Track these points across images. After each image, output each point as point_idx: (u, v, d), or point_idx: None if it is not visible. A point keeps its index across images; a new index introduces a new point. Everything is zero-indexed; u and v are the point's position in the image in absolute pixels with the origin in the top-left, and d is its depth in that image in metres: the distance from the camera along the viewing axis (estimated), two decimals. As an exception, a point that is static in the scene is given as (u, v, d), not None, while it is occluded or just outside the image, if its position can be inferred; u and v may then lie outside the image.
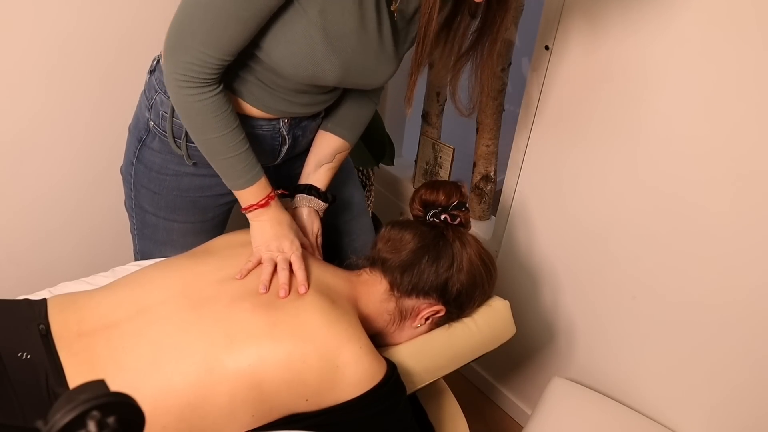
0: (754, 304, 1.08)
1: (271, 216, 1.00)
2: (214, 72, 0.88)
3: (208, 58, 0.85)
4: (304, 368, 0.83)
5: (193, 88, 0.88)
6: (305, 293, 0.92)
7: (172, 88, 0.90)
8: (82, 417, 0.36)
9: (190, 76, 0.87)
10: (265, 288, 0.91)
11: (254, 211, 1.00)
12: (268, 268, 0.95)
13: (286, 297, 0.90)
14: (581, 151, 1.25)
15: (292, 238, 1.00)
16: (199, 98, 0.89)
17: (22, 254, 1.47)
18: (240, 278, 0.94)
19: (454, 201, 1.04)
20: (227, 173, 0.98)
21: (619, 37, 1.10)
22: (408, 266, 0.98)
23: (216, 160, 0.97)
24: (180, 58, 0.86)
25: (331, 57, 0.88)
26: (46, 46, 1.27)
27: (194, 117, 0.92)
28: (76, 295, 0.94)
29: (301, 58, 0.88)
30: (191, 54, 0.85)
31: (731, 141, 1.02)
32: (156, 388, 0.81)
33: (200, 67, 0.86)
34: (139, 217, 1.15)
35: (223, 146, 0.94)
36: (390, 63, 0.96)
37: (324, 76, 0.91)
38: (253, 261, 0.97)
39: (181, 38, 0.86)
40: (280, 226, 1.00)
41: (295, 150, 1.13)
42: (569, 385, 1.37)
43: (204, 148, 0.96)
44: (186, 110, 0.92)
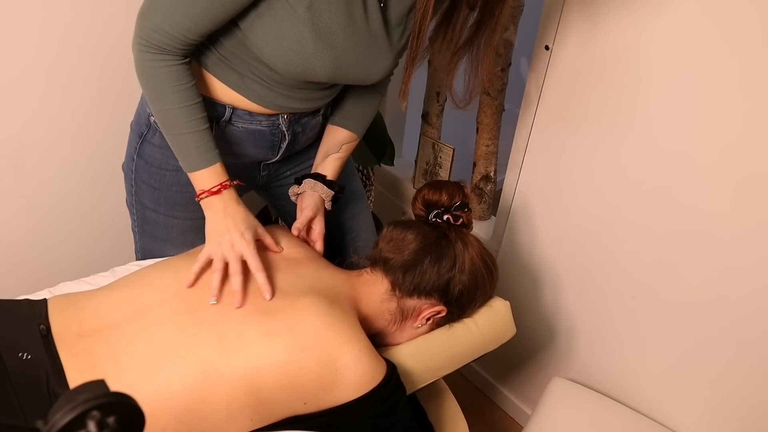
0: (754, 304, 1.08)
1: (224, 207, 0.97)
2: (176, 46, 0.88)
3: (171, 30, 0.86)
4: (302, 373, 0.83)
5: (152, 53, 0.89)
6: (302, 295, 0.91)
7: (134, 52, 0.91)
8: (82, 417, 0.36)
9: (151, 43, 0.88)
10: (216, 298, 0.88)
11: (206, 199, 0.97)
12: (218, 273, 0.91)
13: (240, 307, 0.87)
14: (581, 151, 1.25)
15: (243, 230, 0.96)
16: (157, 65, 0.89)
17: (22, 254, 1.47)
18: (188, 286, 0.91)
19: (457, 201, 1.04)
20: (182, 151, 0.96)
21: (619, 37, 1.10)
22: (410, 266, 0.98)
23: (171, 135, 0.95)
24: (145, 23, 0.87)
25: (321, 53, 0.88)
26: (45, 44, 1.27)
27: (149, 83, 0.91)
28: (77, 296, 0.94)
29: (291, 55, 0.88)
30: (155, 22, 0.86)
31: (732, 142, 1.01)
32: (155, 390, 0.81)
33: (162, 36, 0.87)
34: (140, 214, 1.15)
35: (177, 120, 0.93)
36: (385, 57, 0.95)
37: (315, 73, 0.91)
38: (202, 260, 0.93)
39: (150, 7, 0.87)
40: (233, 218, 0.96)
41: (294, 146, 1.12)
42: (569, 385, 1.37)
43: (159, 119, 0.95)
44: (142, 74, 0.92)
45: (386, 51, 0.95)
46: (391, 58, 0.97)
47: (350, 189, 1.25)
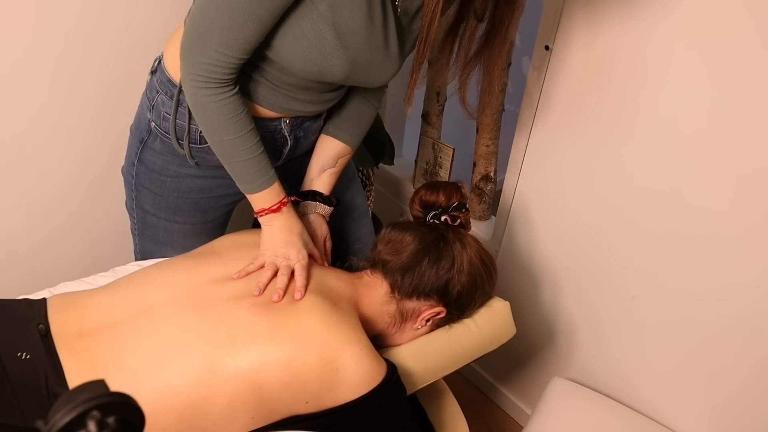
0: (755, 304, 1.08)
1: (282, 222, 0.99)
2: (230, 72, 0.88)
3: (226, 58, 0.85)
4: (304, 371, 0.83)
5: (210, 88, 0.88)
6: (306, 296, 0.91)
7: (188, 89, 0.90)
8: (82, 417, 0.35)
9: (207, 77, 0.87)
10: (259, 291, 0.91)
11: (266, 216, 0.99)
12: (268, 272, 0.94)
13: (279, 301, 0.90)
14: (581, 151, 1.25)
15: (299, 247, 0.99)
16: (216, 99, 0.89)
17: (22, 254, 1.47)
18: (237, 278, 0.94)
19: (455, 202, 1.04)
20: (241, 176, 0.97)
21: (619, 36, 1.10)
22: (409, 268, 0.98)
23: (230, 162, 0.96)
24: (197, 59, 0.86)
25: (340, 52, 0.88)
26: (47, 46, 1.27)
27: (210, 118, 0.91)
28: (76, 295, 0.94)
29: (309, 53, 0.87)
30: (208, 54, 0.85)
31: (731, 141, 1.02)
32: (156, 389, 0.81)
33: (217, 67, 0.86)
34: (140, 218, 1.15)
35: (238, 149, 0.94)
36: (393, 61, 0.95)
37: (332, 72, 0.90)
38: (256, 264, 0.96)
39: (198, 39, 0.85)
40: (290, 233, 0.99)
41: (297, 151, 1.12)
42: (569, 385, 1.37)
43: (219, 150, 0.95)
44: (202, 111, 0.91)
45: (396, 56, 0.95)
46: (399, 61, 0.97)
47: (350, 195, 1.26)
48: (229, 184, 1.08)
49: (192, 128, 1.01)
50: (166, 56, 1.01)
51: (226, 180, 1.07)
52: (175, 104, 0.99)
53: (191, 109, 0.93)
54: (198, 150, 1.04)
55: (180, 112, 1.00)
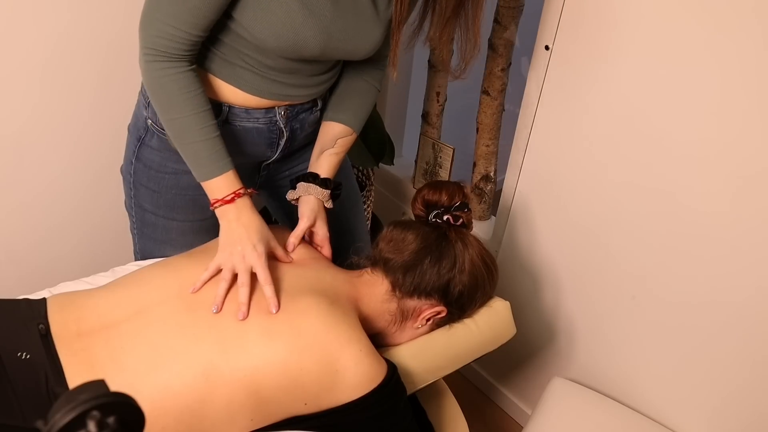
0: (755, 305, 1.08)
1: (237, 216, 0.96)
2: (182, 48, 0.88)
3: (174, 31, 0.86)
4: (302, 374, 0.83)
5: (160, 62, 0.88)
6: (303, 296, 0.91)
7: (141, 64, 0.90)
8: (82, 417, 0.35)
9: (157, 50, 0.87)
10: (218, 307, 0.87)
11: (220, 208, 0.96)
12: (224, 283, 0.90)
13: (244, 319, 0.86)
14: (581, 151, 1.25)
15: (255, 242, 0.94)
16: (166, 73, 0.89)
17: (22, 254, 1.47)
18: (193, 292, 0.90)
19: (457, 201, 1.04)
20: (193, 160, 0.95)
21: (619, 36, 1.10)
22: (410, 267, 0.98)
23: (182, 144, 0.94)
24: (148, 32, 0.87)
25: (310, 23, 0.88)
26: (45, 44, 1.27)
27: (159, 93, 0.91)
28: (76, 295, 0.94)
29: (280, 28, 0.87)
30: (157, 27, 0.86)
31: (732, 142, 1.01)
32: (155, 390, 0.81)
33: (167, 41, 0.86)
34: (139, 216, 1.15)
35: (188, 129, 0.92)
36: (372, 26, 0.94)
37: (306, 45, 0.90)
38: (211, 269, 0.92)
39: (148, 12, 0.87)
40: (246, 229, 0.95)
41: (293, 143, 1.12)
42: (569, 385, 1.37)
43: (170, 129, 0.94)
44: (152, 85, 0.91)
45: (373, 20, 0.94)
46: (380, 28, 0.96)
47: (345, 191, 1.25)
48: None
49: None
50: None
51: None
52: None
53: (145, 85, 0.93)
54: None
55: None
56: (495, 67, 1.47)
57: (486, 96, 1.51)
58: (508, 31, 1.43)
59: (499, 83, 1.49)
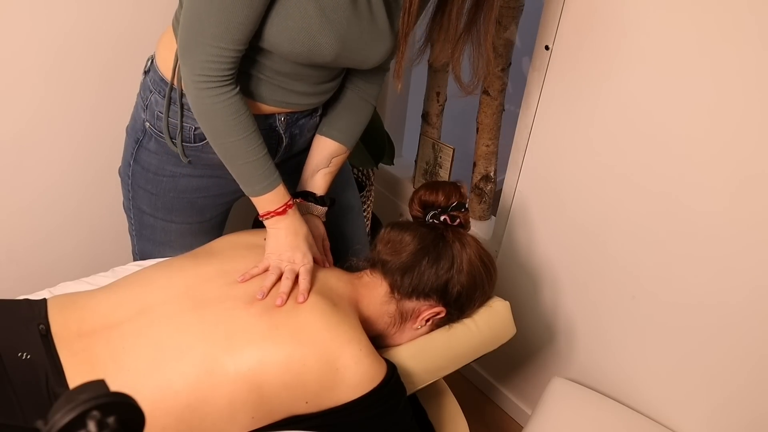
0: (754, 305, 1.08)
1: (288, 225, 0.99)
2: (230, 66, 0.87)
3: (223, 51, 0.85)
4: (304, 371, 0.83)
5: (213, 88, 0.88)
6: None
7: (191, 91, 0.89)
8: (82, 417, 0.35)
9: (209, 75, 0.86)
10: (263, 294, 0.90)
11: (271, 219, 0.98)
12: (272, 276, 0.94)
13: (282, 305, 0.89)
14: (581, 152, 1.25)
15: (305, 250, 0.98)
16: (220, 99, 0.89)
17: (22, 254, 1.47)
18: (241, 281, 0.93)
19: (454, 202, 1.04)
20: (245, 179, 0.96)
21: (619, 36, 1.10)
22: (408, 268, 0.98)
23: (234, 165, 0.95)
24: (196, 58, 0.85)
25: (327, 30, 0.87)
26: (45, 45, 1.27)
27: (214, 120, 0.91)
28: (76, 295, 0.94)
29: (296, 33, 0.87)
30: (206, 50, 0.84)
31: (731, 143, 1.01)
32: (156, 389, 0.81)
33: (217, 63, 0.85)
34: (137, 218, 1.15)
35: (241, 150, 0.93)
36: (384, 38, 0.94)
37: (320, 51, 0.89)
38: (261, 267, 0.96)
39: (193, 37, 0.84)
40: (296, 236, 0.99)
41: (293, 149, 1.12)
42: (569, 385, 1.37)
43: (222, 152, 0.95)
44: (206, 113, 0.91)
45: (386, 30, 0.94)
46: (390, 38, 0.95)
47: (347, 197, 1.25)
48: (225, 183, 1.08)
49: (185, 126, 1.00)
50: (157, 55, 1.00)
51: (222, 179, 1.06)
52: (167, 102, 0.99)
53: (195, 113, 0.92)
54: (191, 149, 1.03)
55: (172, 110, 0.99)
56: (495, 67, 1.47)
57: (486, 96, 1.51)
58: (508, 31, 1.43)
59: (499, 83, 1.49)
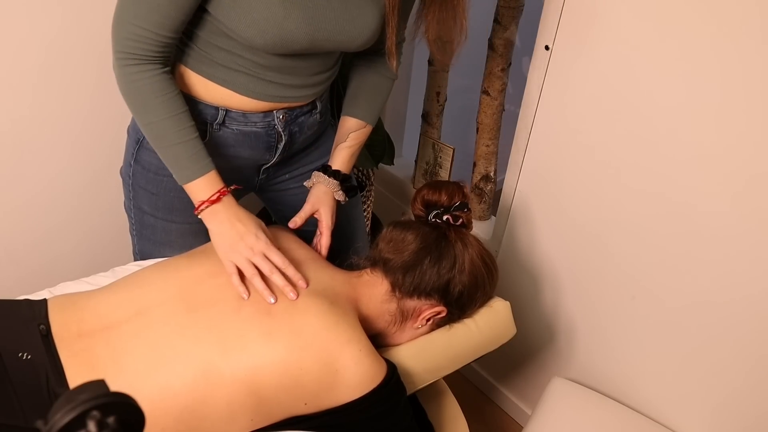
0: (754, 305, 1.08)
1: (228, 214, 0.95)
2: (153, 49, 0.87)
3: (143, 32, 0.85)
4: (302, 374, 0.83)
5: (133, 65, 0.88)
6: (302, 296, 0.91)
7: (114, 68, 0.90)
8: (82, 417, 0.35)
9: (128, 53, 0.87)
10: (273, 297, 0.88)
11: (207, 210, 0.95)
12: (257, 278, 0.90)
13: (297, 297, 0.89)
14: (581, 152, 1.25)
15: (255, 231, 0.94)
16: (139, 77, 0.88)
17: (22, 254, 1.47)
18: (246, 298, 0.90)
19: (456, 201, 1.04)
20: (174, 163, 0.95)
21: (618, 36, 1.10)
22: (410, 267, 0.98)
23: (160, 147, 0.94)
24: (119, 35, 0.87)
25: (293, 15, 0.86)
26: (45, 44, 1.27)
27: (134, 97, 0.90)
28: (76, 296, 0.94)
29: (263, 24, 0.86)
30: (126, 29, 0.85)
31: (731, 143, 1.01)
32: (154, 390, 0.81)
33: (137, 42, 0.86)
34: (138, 218, 1.15)
35: (166, 132, 0.92)
36: (365, 13, 0.93)
37: (293, 37, 0.89)
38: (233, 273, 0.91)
39: (118, 14, 0.86)
40: (240, 222, 0.95)
41: (292, 147, 1.12)
42: (569, 385, 1.37)
43: (148, 133, 0.93)
44: (126, 89, 0.90)
45: (366, 7, 0.92)
46: (374, 15, 0.94)
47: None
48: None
49: None
50: None
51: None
52: None
53: (120, 90, 0.92)
54: None
55: None
56: (495, 67, 1.47)
57: (486, 96, 1.51)
58: (508, 31, 1.43)
59: (499, 83, 1.49)
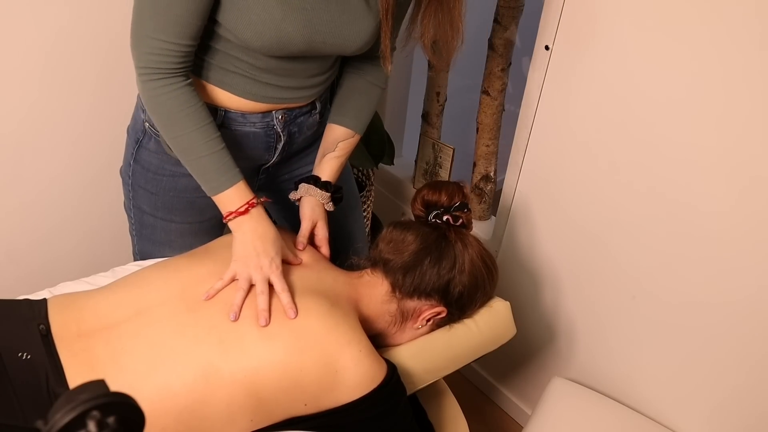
0: (754, 305, 1.08)
1: (254, 227, 0.94)
2: (176, 60, 0.87)
3: (164, 44, 0.85)
4: (302, 375, 0.83)
5: (157, 80, 0.88)
6: (303, 297, 0.91)
7: (138, 84, 0.90)
8: (82, 417, 0.35)
9: (152, 68, 0.87)
10: (235, 315, 0.86)
11: (235, 220, 0.95)
12: (241, 292, 0.89)
13: (266, 325, 0.86)
14: (581, 152, 1.25)
15: (273, 255, 0.93)
16: (164, 91, 0.88)
17: (22, 254, 1.47)
18: (207, 299, 0.89)
19: (456, 202, 1.04)
20: (202, 175, 0.94)
21: (618, 36, 1.10)
22: (410, 268, 0.98)
23: (188, 160, 0.94)
24: (140, 50, 0.87)
25: (291, 17, 0.86)
26: (45, 44, 1.27)
27: (160, 112, 0.90)
28: (76, 296, 0.94)
29: (260, 26, 0.86)
30: (147, 44, 0.85)
31: (732, 142, 1.01)
32: (154, 390, 0.81)
33: (158, 56, 0.86)
34: (138, 218, 1.15)
35: (193, 144, 0.91)
36: (360, 17, 0.93)
37: (290, 40, 0.88)
38: (226, 279, 0.91)
39: (137, 30, 0.86)
40: (263, 240, 0.94)
41: (291, 147, 1.12)
42: (569, 385, 1.37)
43: (176, 147, 0.93)
44: (152, 105, 0.90)
45: (362, 11, 0.92)
46: (370, 20, 0.94)
47: (345, 194, 1.25)
48: None
49: None
50: None
51: None
52: None
53: (145, 105, 0.92)
54: None
55: None
56: (495, 67, 1.47)
57: (486, 96, 1.51)
58: (508, 31, 1.43)
59: (499, 83, 1.49)
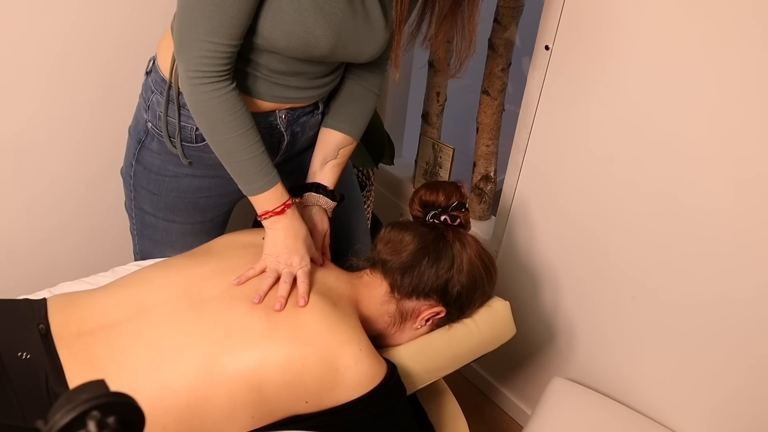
0: (755, 304, 1.08)
1: (287, 226, 0.97)
2: (225, 62, 0.87)
3: (216, 47, 0.85)
4: (304, 371, 0.83)
5: (207, 84, 0.88)
6: None
7: (186, 87, 0.89)
8: (82, 417, 0.36)
9: (203, 71, 0.86)
10: (260, 298, 0.89)
11: (270, 219, 0.97)
12: (269, 280, 0.92)
13: (281, 310, 0.88)
14: (581, 151, 1.25)
15: (303, 253, 0.97)
16: (214, 95, 0.88)
17: (22, 254, 1.47)
18: (237, 284, 0.92)
19: (454, 202, 1.04)
20: (243, 177, 0.96)
21: (618, 36, 1.10)
22: (408, 268, 0.98)
23: (231, 162, 0.95)
24: (190, 54, 0.86)
25: (322, 22, 0.87)
26: (46, 45, 1.27)
27: (209, 116, 0.91)
28: (76, 295, 0.94)
29: (291, 26, 0.86)
30: (199, 47, 0.85)
31: (732, 142, 1.01)
32: (155, 389, 0.81)
33: (210, 58, 0.85)
34: (139, 218, 1.15)
35: (237, 148, 0.93)
36: (377, 30, 0.94)
37: (317, 43, 0.89)
38: (257, 269, 0.95)
39: (186, 33, 0.85)
40: (295, 238, 0.97)
41: (294, 147, 1.12)
42: (569, 385, 1.37)
43: (219, 149, 0.94)
44: (201, 109, 0.91)
45: (380, 22, 0.94)
46: (384, 31, 0.95)
47: (349, 196, 1.25)
48: (227, 183, 1.08)
49: (185, 126, 1.00)
50: (159, 56, 1.01)
51: (224, 179, 1.06)
52: (165, 102, 0.99)
53: (191, 109, 0.92)
54: (193, 149, 1.03)
55: (171, 109, 0.99)
56: (495, 67, 1.47)
57: (486, 96, 1.51)
58: (508, 31, 1.43)
59: (499, 83, 1.49)
